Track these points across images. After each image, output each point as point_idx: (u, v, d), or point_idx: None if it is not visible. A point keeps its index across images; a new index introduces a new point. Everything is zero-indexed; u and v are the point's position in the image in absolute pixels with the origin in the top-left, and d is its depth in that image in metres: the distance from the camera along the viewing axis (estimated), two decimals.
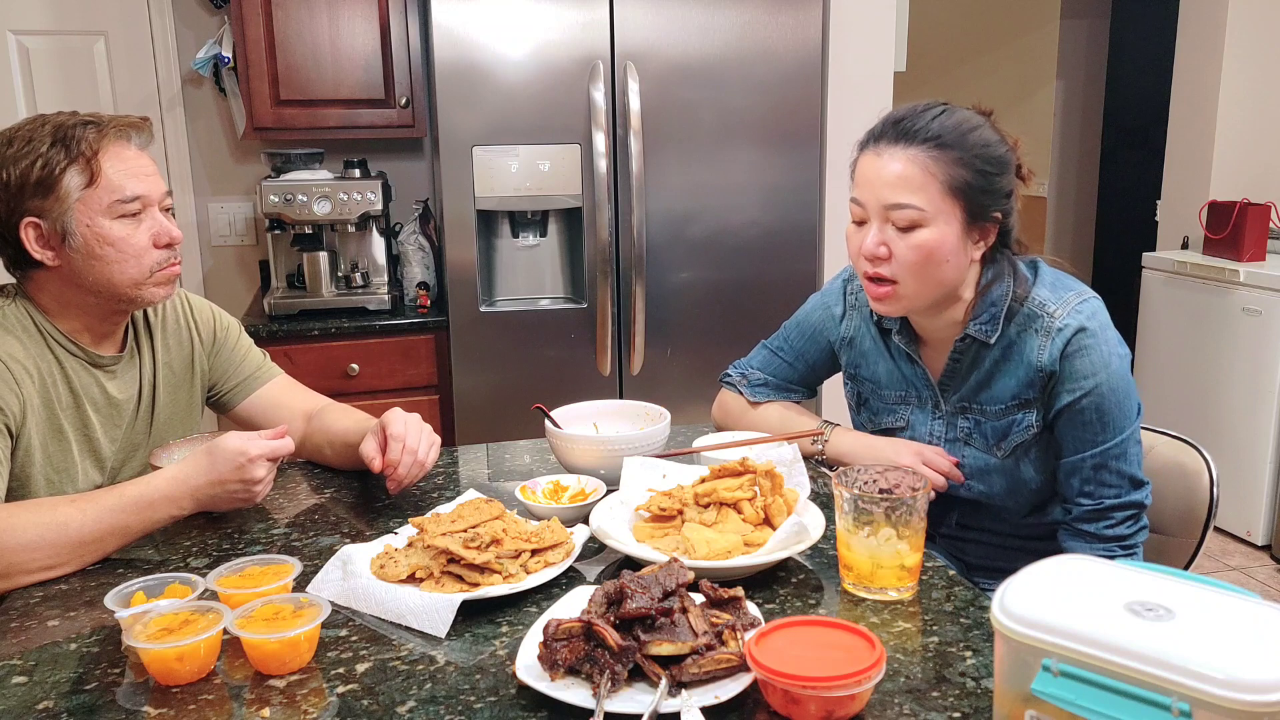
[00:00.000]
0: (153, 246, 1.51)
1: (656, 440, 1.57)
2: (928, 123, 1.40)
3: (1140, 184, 4.52)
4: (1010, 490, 1.53)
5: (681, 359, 2.93)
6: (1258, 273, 3.42)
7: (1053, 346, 1.43)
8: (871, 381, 1.64)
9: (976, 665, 1.06)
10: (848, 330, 1.66)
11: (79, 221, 1.46)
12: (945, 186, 1.38)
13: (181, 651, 1.03)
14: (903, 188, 1.39)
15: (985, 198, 1.41)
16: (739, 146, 2.88)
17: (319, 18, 2.93)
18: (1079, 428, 1.45)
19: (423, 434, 1.52)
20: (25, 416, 1.45)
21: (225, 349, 1.74)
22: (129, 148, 1.51)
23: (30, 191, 1.44)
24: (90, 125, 1.48)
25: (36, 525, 1.29)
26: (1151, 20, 4.59)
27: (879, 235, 1.41)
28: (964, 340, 1.50)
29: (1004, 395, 1.49)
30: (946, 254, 1.41)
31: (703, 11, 2.78)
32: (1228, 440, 3.50)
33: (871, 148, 1.44)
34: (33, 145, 1.44)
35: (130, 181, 1.49)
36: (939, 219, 1.39)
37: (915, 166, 1.38)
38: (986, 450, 1.52)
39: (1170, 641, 0.77)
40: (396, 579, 1.22)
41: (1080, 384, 1.43)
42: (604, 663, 0.98)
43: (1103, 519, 1.47)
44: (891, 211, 1.40)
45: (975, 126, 1.42)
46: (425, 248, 3.21)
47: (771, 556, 1.24)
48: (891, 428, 1.61)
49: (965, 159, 1.39)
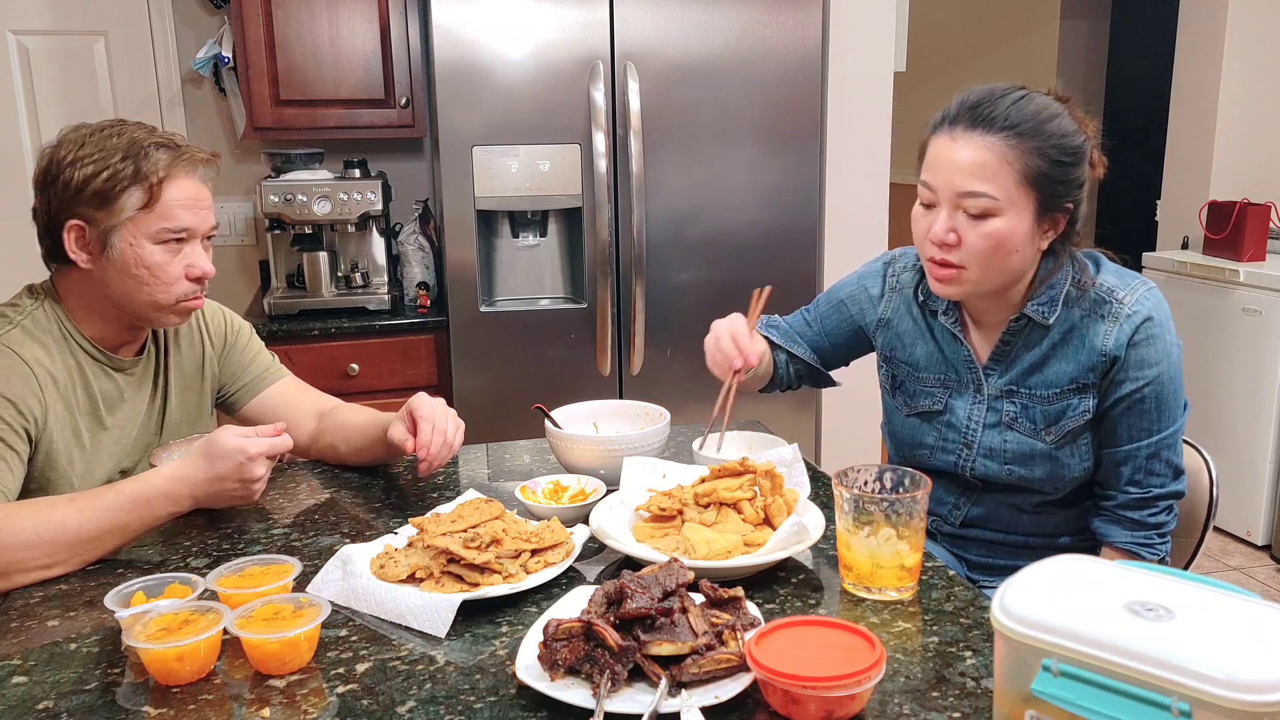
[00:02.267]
0: (184, 277, 1.53)
1: (656, 440, 1.57)
2: (1006, 109, 1.37)
3: (1140, 184, 4.53)
4: (1051, 476, 1.51)
5: (681, 359, 2.93)
6: (1258, 273, 3.42)
7: (1120, 332, 1.43)
8: (908, 364, 1.62)
9: (976, 665, 1.06)
10: (885, 311, 1.65)
11: (124, 238, 1.48)
12: (1021, 176, 1.36)
13: (181, 651, 1.03)
14: (977, 175, 1.36)
15: (1059, 188, 1.39)
16: (739, 147, 2.87)
17: (319, 18, 2.93)
18: (1137, 416, 1.45)
19: (450, 417, 1.54)
20: (47, 421, 1.46)
21: (236, 351, 1.74)
22: (193, 179, 1.52)
23: (88, 198, 1.46)
24: (165, 149, 1.49)
25: (35, 524, 1.29)
26: (1151, 20, 4.59)
27: (948, 221, 1.39)
28: (1019, 320, 1.48)
29: (1060, 379, 1.47)
30: (1016, 244, 1.39)
31: (703, 11, 2.78)
32: (1228, 440, 3.50)
33: (946, 131, 1.40)
34: (104, 154, 1.45)
35: (184, 213, 1.51)
36: (1012, 209, 1.37)
37: (992, 155, 1.36)
38: (1034, 435, 1.50)
39: (1170, 641, 0.77)
40: (396, 579, 1.22)
41: (1144, 373, 1.43)
42: (604, 663, 0.98)
43: (1148, 507, 1.48)
44: (964, 199, 1.37)
45: (1054, 115, 1.39)
46: (425, 248, 3.21)
47: (771, 556, 1.24)
48: (929, 410, 1.59)
49: (1042, 149, 1.36)
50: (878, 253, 1.76)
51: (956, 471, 1.58)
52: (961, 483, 1.59)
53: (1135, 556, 1.49)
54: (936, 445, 1.59)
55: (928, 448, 1.60)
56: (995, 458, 1.53)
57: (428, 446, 1.49)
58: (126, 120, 1.53)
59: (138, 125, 1.52)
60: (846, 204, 3.07)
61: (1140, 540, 1.49)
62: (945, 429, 1.57)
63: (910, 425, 1.62)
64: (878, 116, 3.06)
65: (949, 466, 1.58)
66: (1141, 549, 1.49)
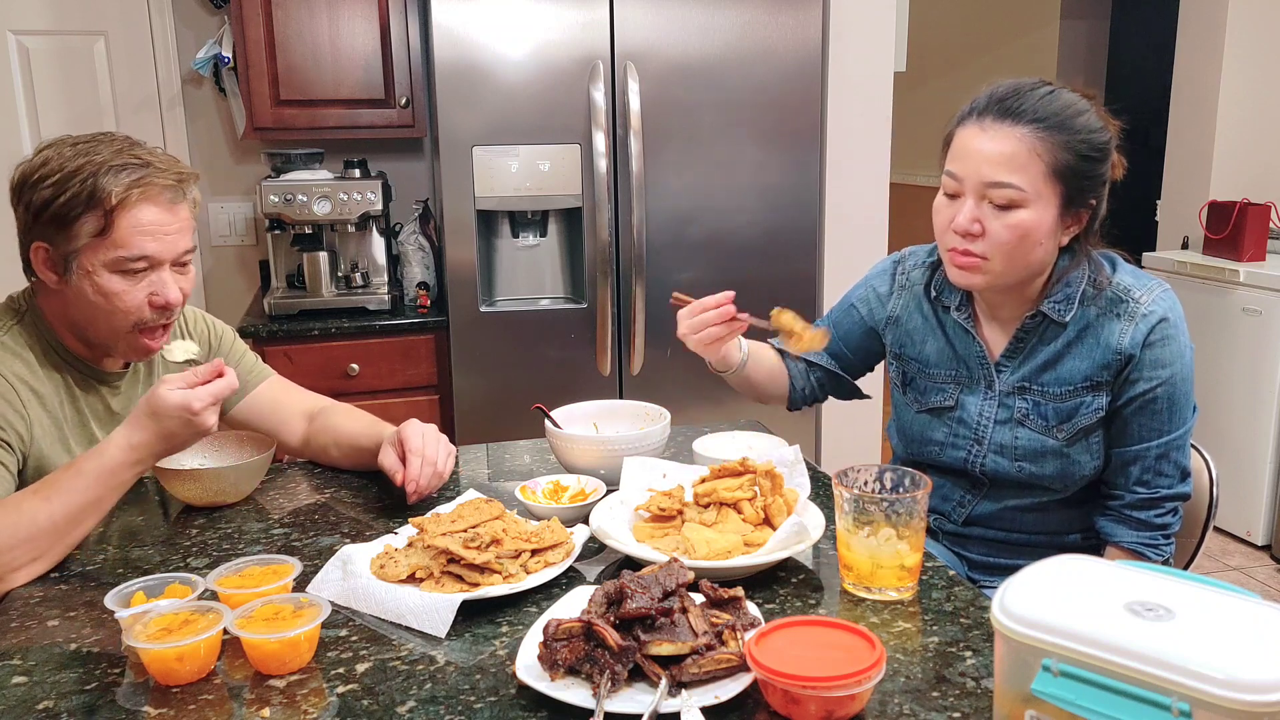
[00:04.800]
0: (147, 305, 1.47)
1: (656, 440, 1.57)
2: (1035, 102, 1.38)
3: (1140, 184, 4.52)
4: (1061, 474, 1.51)
5: (681, 359, 2.88)
6: (1258, 273, 3.42)
7: (1135, 331, 1.44)
8: (918, 361, 1.62)
9: (976, 665, 1.06)
10: (894, 309, 1.65)
11: (80, 264, 1.44)
12: (1049, 169, 1.37)
13: (181, 651, 1.03)
14: (1006, 167, 1.37)
15: (1086, 183, 1.40)
16: (739, 147, 2.87)
17: (319, 18, 2.92)
18: (1149, 416, 1.46)
19: (440, 445, 1.53)
20: (33, 436, 1.45)
21: (220, 355, 1.73)
22: (157, 205, 1.45)
23: (46, 221, 1.43)
24: (129, 171, 1.42)
25: (8, 525, 1.29)
26: (1151, 20, 4.59)
27: (974, 212, 1.40)
28: (1034, 318, 1.49)
29: (1074, 377, 1.48)
30: (1040, 237, 1.40)
31: (703, 11, 2.78)
32: (1228, 440, 3.50)
33: (975, 122, 1.41)
34: (64, 176, 1.41)
35: (144, 240, 1.44)
36: (1038, 202, 1.38)
37: (1022, 146, 1.36)
38: (1045, 432, 1.50)
39: (1170, 641, 0.77)
40: (396, 579, 1.22)
41: (1158, 373, 1.44)
42: (604, 663, 0.98)
43: (1154, 507, 1.49)
44: (991, 189, 1.38)
45: (1082, 111, 1.40)
46: (425, 248, 3.21)
47: (771, 556, 1.24)
48: (939, 407, 1.59)
49: (1071, 143, 1.37)
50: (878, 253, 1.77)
51: (966, 468, 1.58)
52: (970, 479, 1.59)
53: (1140, 557, 1.49)
54: (947, 441, 1.59)
55: (938, 444, 1.60)
56: (1006, 454, 1.53)
57: (416, 480, 1.48)
58: (109, 134, 1.48)
59: (114, 140, 1.46)
60: (846, 204, 3.07)
61: (1145, 541, 1.49)
62: (956, 425, 1.57)
63: (920, 421, 1.62)
64: (878, 116, 3.06)
65: (959, 463, 1.58)
66: (1147, 549, 1.49)
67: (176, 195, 1.47)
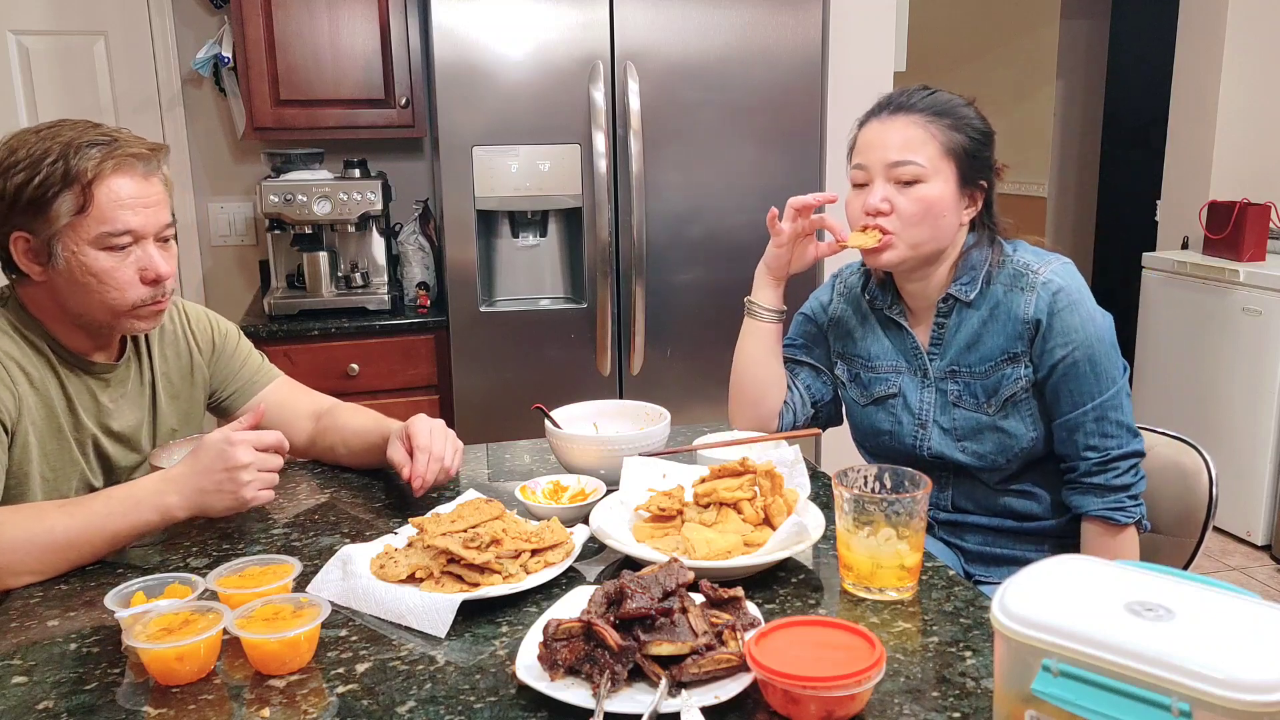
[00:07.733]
0: (139, 281, 1.46)
1: (656, 440, 1.58)
2: (924, 98, 1.57)
3: (1140, 184, 4.52)
4: (1001, 448, 1.58)
5: (681, 359, 2.92)
6: (1258, 273, 3.42)
7: (1039, 300, 1.52)
8: (861, 357, 1.71)
9: (976, 665, 1.06)
10: (834, 312, 1.77)
11: (65, 246, 1.42)
12: (943, 148, 1.53)
13: (181, 651, 1.03)
14: (906, 148, 1.53)
15: (976, 163, 1.56)
16: (739, 147, 2.88)
17: (319, 18, 2.93)
18: (1075, 380, 1.52)
19: (447, 441, 1.53)
20: (20, 414, 1.44)
21: (225, 355, 1.73)
22: (132, 176, 1.44)
23: (22, 208, 1.40)
24: (99, 146, 1.41)
25: (25, 530, 1.29)
26: (1151, 20, 4.59)
27: (883, 191, 1.54)
28: (946, 302, 1.60)
29: (993, 353, 1.57)
30: (944, 209, 1.54)
31: (703, 11, 2.78)
32: (1228, 440, 3.50)
33: (875, 119, 1.59)
34: (34, 159, 1.39)
35: (125, 214, 1.42)
36: (938, 176, 1.53)
37: (917, 128, 1.53)
38: (977, 409, 1.59)
39: (1170, 641, 0.77)
40: (396, 579, 1.22)
41: (1071, 337, 1.51)
42: (604, 663, 0.98)
43: (1109, 470, 1.53)
44: (895, 169, 1.53)
45: (964, 104, 1.59)
46: (425, 248, 3.21)
47: (771, 556, 1.24)
48: (884, 395, 1.67)
49: (959, 125, 1.54)
50: None
51: (915, 454, 1.64)
52: (924, 466, 1.61)
53: (1112, 523, 1.53)
54: (894, 429, 1.66)
55: (886, 433, 1.67)
56: (949, 436, 1.61)
57: (422, 476, 1.48)
58: (68, 120, 1.46)
59: (75, 124, 1.44)
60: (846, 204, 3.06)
61: (1112, 505, 1.53)
62: (901, 412, 1.65)
63: (869, 414, 1.70)
64: None
65: (908, 449, 1.65)
66: (1115, 513, 1.53)
67: (150, 166, 1.47)
